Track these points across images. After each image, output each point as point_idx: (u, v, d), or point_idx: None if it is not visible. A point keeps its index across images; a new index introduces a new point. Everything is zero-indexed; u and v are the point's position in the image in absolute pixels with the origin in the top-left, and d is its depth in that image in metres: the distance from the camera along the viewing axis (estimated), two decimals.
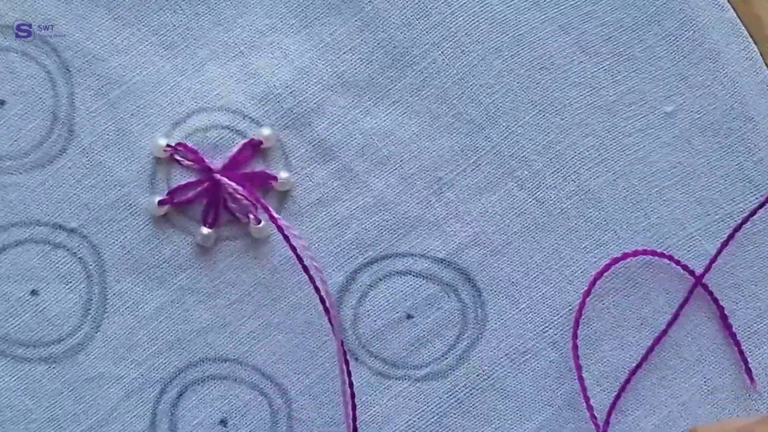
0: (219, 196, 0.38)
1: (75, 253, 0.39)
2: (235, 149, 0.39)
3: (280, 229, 0.37)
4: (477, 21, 0.39)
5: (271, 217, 0.37)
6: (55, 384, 0.39)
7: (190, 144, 0.39)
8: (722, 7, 0.40)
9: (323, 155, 0.39)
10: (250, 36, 0.39)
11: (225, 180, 0.37)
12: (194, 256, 0.39)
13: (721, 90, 0.40)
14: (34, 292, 0.39)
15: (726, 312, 0.40)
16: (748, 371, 0.40)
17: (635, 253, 0.40)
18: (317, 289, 0.38)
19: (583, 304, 0.40)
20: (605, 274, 0.40)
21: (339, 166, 0.39)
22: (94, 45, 0.39)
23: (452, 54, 0.39)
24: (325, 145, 0.39)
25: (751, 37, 0.40)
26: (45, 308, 0.39)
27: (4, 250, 0.39)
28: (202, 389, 0.40)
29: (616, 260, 0.40)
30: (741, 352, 0.40)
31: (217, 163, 0.39)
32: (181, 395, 0.40)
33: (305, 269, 0.38)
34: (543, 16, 0.39)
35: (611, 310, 0.40)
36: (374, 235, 0.40)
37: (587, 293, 0.40)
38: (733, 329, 0.40)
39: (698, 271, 0.40)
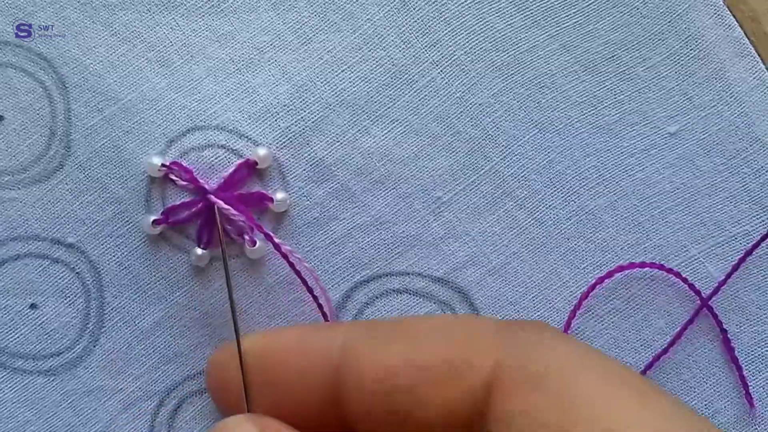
0: (213, 216, 0.38)
1: (73, 268, 0.39)
2: (230, 169, 0.38)
3: (284, 256, 0.37)
4: (476, 40, 0.39)
5: (273, 243, 0.37)
6: (54, 396, 0.40)
7: (185, 163, 0.38)
8: (729, 25, 0.39)
9: (321, 174, 0.39)
10: (248, 53, 0.39)
11: (219, 202, 0.37)
12: (190, 275, 0.39)
13: (726, 110, 0.39)
14: (33, 306, 0.39)
15: (729, 335, 0.39)
16: (749, 396, 0.39)
17: (642, 265, 0.39)
18: (322, 311, 0.38)
19: (578, 306, 0.39)
20: (607, 290, 0.39)
21: (337, 185, 0.39)
22: (91, 61, 0.38)
23: (451, 73, 0.39)
24: (323, 165, 0.39)
25: (760, 56, 0.39)
26: (44, 322, 0.39)
27: (4, 264, 0.39)
28: (199, 402, 0.40)
29: (621, 268, 0.39)
30: (742, 377, 0.39)
31: (212, 183, 0.38)
32: (178, 408, 0.40)
33: (309, 291, 0.38)
34: (544, 35, 0.39)
35: (611, 330, 0.40)
36: (371, 254, 0.39)
37: (585, 296, 0.39)
38: (735, 353, 0.39)
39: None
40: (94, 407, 0.40)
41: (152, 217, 0.38)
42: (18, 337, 0.39)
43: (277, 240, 0.37)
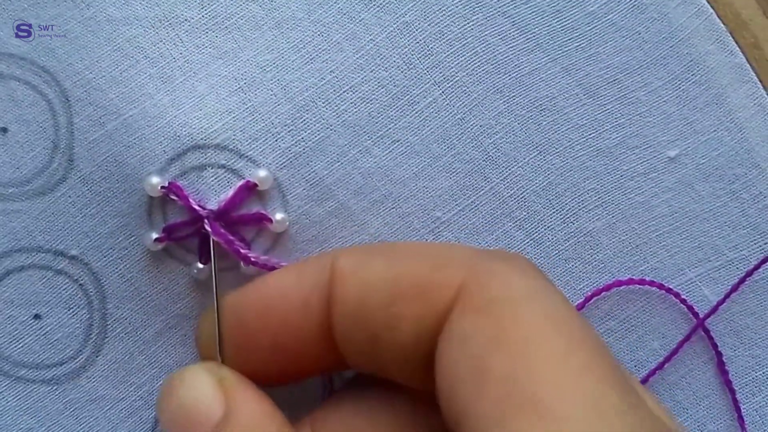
0: (209, 238, 0.38)
1: (76, 279, 0.40)
2: (230, 192, 0.38)
3: None
4: (478, 61, 0.39)
5: (257, 266, 0.38)
6: (56, 405, 0.40)
7: (183, 183, 0.38)
8: (731, 51, 0.39)
9: (321, 194, 0.39)
10: (251, 71, 0.39)
11: (211, 235, 0.37)
12: (190, 286, 0.40)
13: (726, 135, 0.39)
14: (37, 316, 0.40)
15: (723, 358, 0.40)
16: (741, 419, 0.40)
17: (641, 282, 0.40)
18: None
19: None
20: (603, 311, 0.40)
21: (336, 204, 0.39)
22: (94, 75, 0.38)
23: (453, 94, 0.39)
24: (323, 184, 0.39)
25: (761, 82, 0.39)
26: (48, 332, 0.40)
27: (8, 275, 0.40)
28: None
29: (619, 283, 0.40)
30: (735, 400, 0.40)
31: (211, 204, 0.38)
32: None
33: None
34: (546, 58, 0.39)
35: None
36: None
37: (581, 306, 0.40)
38: (729, 376, 0.40)
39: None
40: (96, 416, 0.40)
41: (154, 235, 0.39)
42: (22, 346, 0.40)
43: (267, 262, 0.38)
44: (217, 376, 0.33)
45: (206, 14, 0.39)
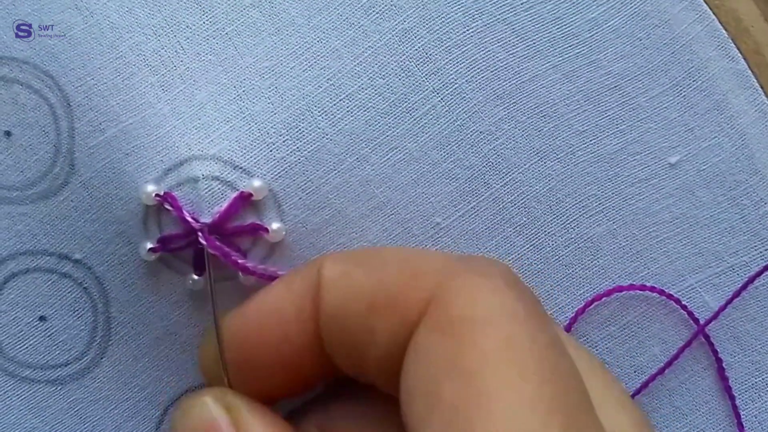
0: (204, 251, 0.38)
1: (81, 283, 0.40)
2: (225, 204, 0.38)
3: None
4: (477, 68, 0.39)
5: (255, 275, 0.38)
6: (61, 404, 0.41)
7: (179, 194, 0.38)
8: (732, 58, 0.38)
9: (317, 202, 0.39)
10: (250, 78, 0.39)
11: (206, 247, 0.37)
12: (188, 295, 0.40)
13: (728, 142, 0.39)
14: (42, 318, 0.40)
15: (723, 364, 0.40)
16: (740, 425, 0.40)
17: (642, 287, 0.40)
18: None
19: (573, 320, 0.40)
20: (603, 317, 0.40)
21: (333, 212, 0.39)
22: (96, 82, 0.39)
23: (452, 101, 0.39)
24: (320, 192, 0.39)
25: (762, 89, 0.38)
26: (53, 333, 0.40)
27: (14, 277, 0.40)
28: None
29: (620, 288, 0.39)
30: (734, 406, 0.40)
31: (206, 216, 0.38)
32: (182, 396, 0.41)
33: None
34: (546, 65, 0.39)
35: (605, 356, 0.40)
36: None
37: (581, 311, 0.40)
38: (729, 382, 0.40)
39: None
40: (100, 416, 0.41)
41: (149, 245, 0.39)
42: (27, 347, 0.40)
43: (265, 271, 0.38)
44: (224, 402, 0.33)
45: (207, 20, 0.39)
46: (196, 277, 0.39)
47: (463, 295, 0.29)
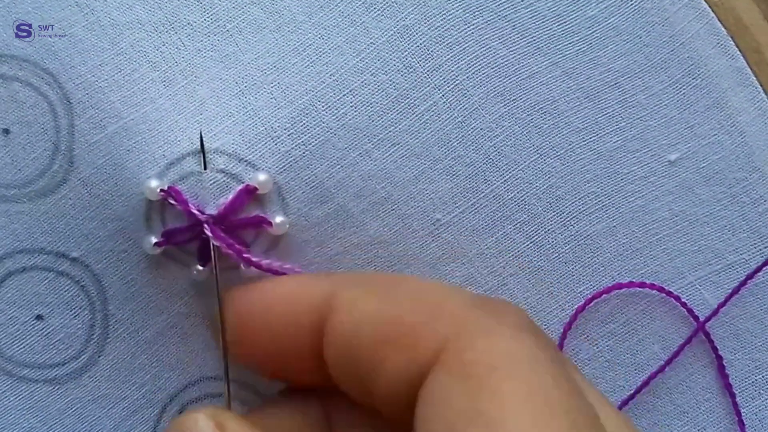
0: (209, 242, 0.38)
1: (78, 281, 0.40)
2: (230, 196, 0.38)
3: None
4: (479, 65, 0.39)
5: (258, 267, 0.38)
6: (59, 404, 0.40)
7: (183, 188, 0.38)
8: (732, 55, 0.39)
9: (320, 197, 0.39)
10: (252, 74, 0.39)
11: (212, 239, 0.37)
12: (190, 285, 0.40)
13: (727, 139, 0.39)
14: (39, 317, 0.40)
15: (723, 362, 0.40)
16: (741, 423, 0.40)
17: (641, 285, 0.40)
18: None
19: (574, 318, 0.40)
20: (603, 314, 0.40)
21: (335, 207, 0.39)
22: (96, 78, 0.38)
23: (453, 97, 0.39)
24: (323, 187, 0.39)
25: (762, 86, 0.39)
26: (50, 332, 0.40)
27: (11, 275, 0.40)
28: (200, 407, 0.41)
29: (619, 285, 0.40)
30: (735, 404, 0.40)
31: (210, 208, 0.38)
32: (180, 413, 0.41)
33: None
34: (546, 62, 0.39)
35: (605, 353, 0.40)
36: (367, 271, 0.40)
37: (581, 308, 0.40)
38: (730, 379, 0.40)
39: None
40: (98, 415, 0.41)
41: (153, 239, 0.38)
42: (24, 346, 0.40)
43: (269, 265, 0.38)
44: (217, 420, 0.33)
45: (208, 18, 0.39)
46: (200, 267, 0.39)
47: (481, 340, 0.29)
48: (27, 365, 0.40)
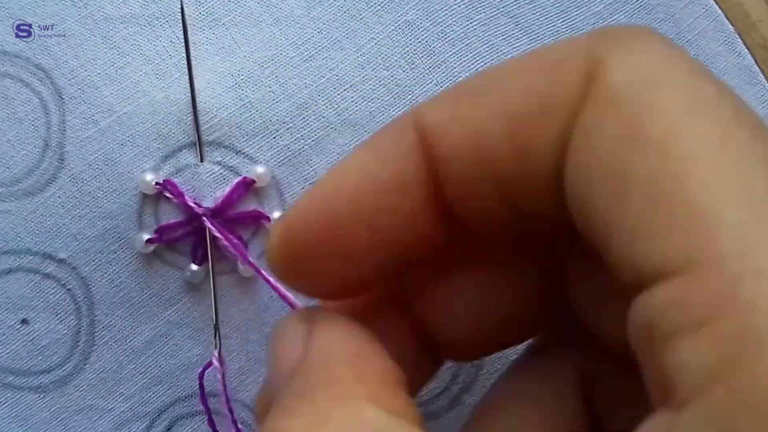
0: (206, 236, 0.37)
1: (64, 284, 0.39)
2: (227, 189, 0.38)
3: (267, 281, 0.36)
4: (481, 61, 0.38)
5: (260, 274, 0.37)
6: (44, 413, 0.39)
7: (179, 181, 0.38)
8: (739, 53, 0.38)
9: None
10: (248, 68, 0.38)
11: (211, 228, 0.37)
12: (183, 291, 0.39)
13: None
14: (24, 321, 0.39)
15: None
16: None
17: None
18: None
19: None
20: None
21: None
22: (89, 73, 0.38)
23: None
24: None
25: None
26: (35, 338, 0.39)
27: None
28: (189, 424, 0.39)
29: None
30: None
31: (207, 201, 0.38)
32: (169, 430, 0.39)
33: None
34: None
35: None
36: None
37: None
38: None
39: None
40: (84, 426, 0.39)
41: (146, 236, 0.38)
42: (9, 352, 0.39)
43: (263, 272, 0.37)
44: (310, 320, 0.28)
45: (203, 11, 0.38)
46: (195, 267, 0.38)
47: (624, 60, 0.24)
48: (12, 372, 0.39)
